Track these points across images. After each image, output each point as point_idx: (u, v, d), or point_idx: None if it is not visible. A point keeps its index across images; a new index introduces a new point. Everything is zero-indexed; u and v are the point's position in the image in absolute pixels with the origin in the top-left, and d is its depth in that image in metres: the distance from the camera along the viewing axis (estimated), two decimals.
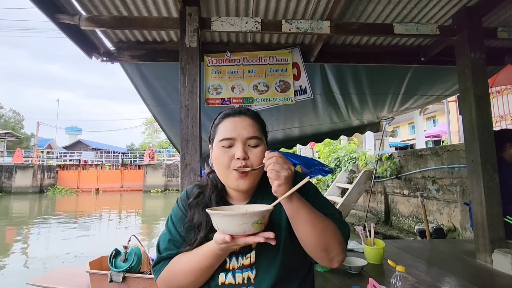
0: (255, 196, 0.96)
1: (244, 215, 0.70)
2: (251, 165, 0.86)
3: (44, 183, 21.05)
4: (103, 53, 2.68)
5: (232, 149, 0.88)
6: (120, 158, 26.41)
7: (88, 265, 3.31)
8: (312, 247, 0.83)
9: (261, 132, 0.94)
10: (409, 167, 5.52)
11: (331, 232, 0.83)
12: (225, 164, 0.87)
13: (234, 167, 0.86)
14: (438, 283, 1.80)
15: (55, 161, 24.90)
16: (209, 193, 0.94)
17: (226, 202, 0.95)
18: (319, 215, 0.83)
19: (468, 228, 4.00)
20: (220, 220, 0.73)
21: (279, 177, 0.76)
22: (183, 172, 1.93)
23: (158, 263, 0.93)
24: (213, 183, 0.96)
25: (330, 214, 0.90)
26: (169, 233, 0.94)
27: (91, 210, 13.50)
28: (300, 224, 0.81)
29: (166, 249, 0.92)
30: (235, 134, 0.88)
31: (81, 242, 7.45)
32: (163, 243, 0.94)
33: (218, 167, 0.91)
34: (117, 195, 20.03)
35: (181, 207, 0.97)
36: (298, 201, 0.81)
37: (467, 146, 2.30)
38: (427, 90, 3.83)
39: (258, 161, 0.87)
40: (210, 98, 2.67)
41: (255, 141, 0.89)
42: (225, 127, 0.91)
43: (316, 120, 4.63)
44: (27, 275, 4.61)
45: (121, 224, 10.54)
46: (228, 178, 0.88)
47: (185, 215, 0.94)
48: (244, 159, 0.86)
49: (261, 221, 0.72)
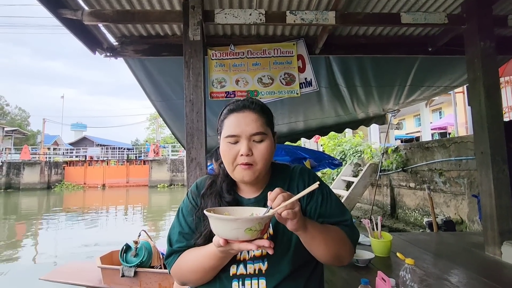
0: (266, 190, 0.95)
1: (235, 220, 0.68)
2: (255, 161, 0.88)
3: (51, 179, 21.34)
4: (106, 48, 2.67)
5: (237, 145, 0.89)
6: (125, 154, 26.60)
7: (99, 260, 3.36)
8: (323, 259, 0.87)
9: (266, 125, 0.93)
10: (416, 159, 5.47)
11: (343, 243, 0.87)
12: (231, 159, 0.89)
13: (239, 163, 0.88)
14: (446, 276, 1.78)
15: (61, 158, 25.19)
16: (221, 181, 0.96)
17: (236, 194, 0.96)
18: (332, 233, 0.85)
19: (476, 221, 3.96)
20: (214, 222, 0.72)
21: (295, 215, 0.72)
22: (189, 167, 1.93)
23: (169, 256, 0.95)
24: (225, 172, 0.97)
25: (342, 221, 0.91)
26: (179, 226, 0.95)
27: (98, 206, 13.69)
28: (313, 246, 0.83)
29: (177, 242, 0.94)
30: (239, 131, 0.89)
31: (91, 237, 7.56)
32: (173, 235, 0.96)
33: (224, 161, 0.92)
34: (124, 190, 20.24)
35: (191, 200, 0.98)
36: (313, 228, 0.80)
37: (476, 137, 2.26)
38: (434, 81, 3.76)
39: (262, 157, 0.88)
40: (215, 92, 2.66)
41: (260, 137, 0.89)
42: (229, 124, 0.91)
43: (321, 113, 4.60)
44: (39, 270, 4.70)
45: (129, 219, 10.69)
46: (234, 172, 0.90)
47: (195, 207, 0.95)
48: (248, 155, 0.87)
49: (255, 228, 0.68)
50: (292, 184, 0.95)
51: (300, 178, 0.96)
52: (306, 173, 0.98)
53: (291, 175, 0.98)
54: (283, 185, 0.94)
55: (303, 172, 0.98)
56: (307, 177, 0.97)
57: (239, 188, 0.98)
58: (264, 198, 0.94)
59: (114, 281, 3.13)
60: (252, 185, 0.94)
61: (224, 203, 0.92)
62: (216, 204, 0.91)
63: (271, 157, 0.91)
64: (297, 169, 0.99)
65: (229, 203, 0.92)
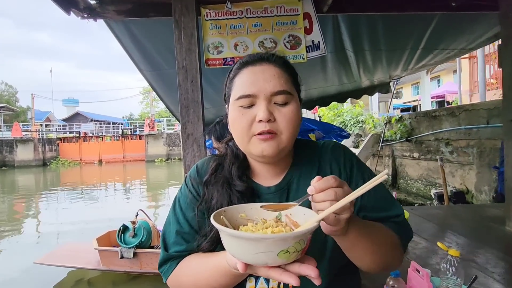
0: (290, 174, 0.74)
1: (264, 240, 0.45)
2: (279, 128, 0.65)
3: (46, 156, 21.10)
4: (83, 8, 2.30)
5: (253, 109, 0.66)
6: (120, 129, 26.14)
7: (96, 241, 3.24)
8: (366, 267, 0.67)
9: (292, 84, 0.69)
10: (421, 129, 5.28)
11: (392, 247, 0.66)
12: (244, 128, 0.66)
13: (255, 132, 0.65)
14: (470, 255, 1.65)
15: (55, 134, 24.73)
16: (229, 164, 0.74)
17: (250, 181, 0.74)
18: (379, 234, 0.64)
19: (484, 191, 3.87)
20: (228, 240, 0.49)
21: (339, 222, 0.51)
22: (185, 143, 1.70)
23: (164, 263, 0.74)
24: (233, 152, 0.75)
25: (391, 217, 0.70)
26: (176, 223, 0.74)
27: (97, 182, 13.61)
28: (355, 253, 0.63)
29: (174, 244, 0.73)
30: (256, 89, 0.65)
31: (90, 214, 7.50)
32: (169, 235, 0.75)
33: (236, 132, 0.69)
34: (121, 165, 20.15)
35: (191, 188, 0.76)
36: (357, 230, 0.58)
37: (505, 104, 2.03)
38: (449, 43, 3.46)
39: (288, 123, 0.65)
40: (211, 59, 2.35)
41: (284, 97, 0.66)
42: (242, 81, 0.67)
43: (324, 82, 4.34)
44: (34, 251, 4.60)
45: (128, 194, 10.65)
46: (249, 145, 0.67)
47: (197, 199, 0.74)
48: (269, 121, 0.64)
49: (294, 249, 0.46)
50: (323, 166, 0.73)
51: (334, 158, 0.74)
52: (341, 151, 0.75)
53: (321, 154, 0.75)
54: (311, 169, 0.73)
55: (336, 150, 0.75)
56: (342, 157, 0.74)
57: (253, 173, 0.76)
58: (288, 185, 0.73)
59: (113, 262, 3.03)
60: (273, 166, 0.73)
61: (235, 193, 0.70)
62: (225, 194, 0.70)
63: (298, 126, 0.68)
64: (328, 146, 0.77)
65: (242, 193, 0.70)
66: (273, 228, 0.53)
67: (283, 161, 0.73)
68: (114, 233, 3.30)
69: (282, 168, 0.74)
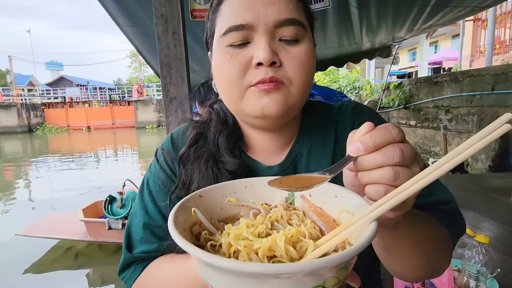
0: (296, 147, 0.54)
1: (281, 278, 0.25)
2: (287, 75, 0.45)
3: (31, 122, 20.44)
4: None
5: (248, 48, 0.45)
6: (108, 94, 25.17)
7: (82, 212, 3.09)
8: (403, 274, 0.48)
9: (304, 13, 0.48)
10: (420, 95, 5.10)
11: (440, 245, 0.47)
12: (235, 77, 0.45)
13: (252, 82, 0.44)
14: (479, 230, 1.54)
15: (39, 99, 23.73)
16: (215, 134, 0.54)
17: (245, 156, 0.55)
18: (429, 232, 0.44)
19: (480, 160, 3.81)
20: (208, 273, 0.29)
21: (403, 207, 0.32)
22: (168, 108, 1.47)
23: (127, 268, 0.56)
24: (220, 117, 0.56)
25: (438, 203, 0.51)
26: (144, 213, 0.55)
27: (86, 149, 13.32)
28: (395, 253, 0.44)
29: (140, 242, 0.54)
30: (252, 16, 0.44)
31: (78, 183, 7.33)
32: (135, 230, 0.56)
33: (223, 85, 0.48)
34: (110, 132, 19.73)
35: (164, 166, 0.57)
36: (408, 223, 0.39)
37: None
38: (462, 0, 3.15)
39: (301, 68, 0.45)
40: (197, 10, 2.02)
41: (294, 30, 0.45)
42: (232, 6, 0.45)
43: (322, 44, 4.04)
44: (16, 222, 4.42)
45: (118, 162, 10.47)
46: (242, 102, 0.47)
47: (172, 179, 0.55)
48: (272, 64, 0.43)
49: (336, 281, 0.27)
50: (342, 136, 0.53)
51: (357, 121, 0.54)
52: (365, 113, 0.56)
53: (339, 119, 0.55)
54: (325, 140, 0.53)
55: (359, 112, 0.56)
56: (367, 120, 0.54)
57: (248, 146, 0.56)
58: (295, 161, 0.53)
59: (100, 234, 2.92)
60: (275, 135, 0.53)
61: (224, 174, 0.51)
62: (210, 176, 0.50)
63: (313, 75, 0.48)
64: (347, 108, 0.57)
65: (234, 174, 0.51)
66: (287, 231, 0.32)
67: (288, 129, 0.53)
68: (101, 203, 3.15)
69: (287, 139, 0.54)
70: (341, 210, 0.36)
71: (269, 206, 0.43)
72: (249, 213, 0.41)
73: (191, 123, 0.60)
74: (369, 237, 0.27)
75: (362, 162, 0.31)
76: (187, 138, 0.56)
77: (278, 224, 0.37)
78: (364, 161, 0.31)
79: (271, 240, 0.30)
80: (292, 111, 0.47)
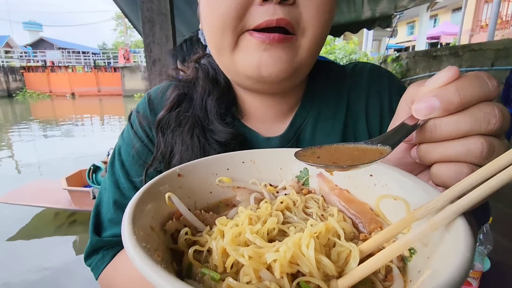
0: (301, 114, 0.45)
1: None
2: (299, 21, 0.33)
3: (11, 87, 19.50)
4: None
5: None
6: (92, 59, 23.93)
7: (65, 181, 2.97)
8: None
9: None
10: (418, 70, 4.98)
11: None
12: (230, 13, 0.33)
13: (251, 25, 0.33)
14: None
15: (17, 62, 22.39)
16: (202, 95, 0.44)
17: (238, 123, 0.45)
18: None
19: None
20: None
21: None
22: (151, 71, 1.31)
23: (94, 253, 0.46)
24: (208, 74, 0.45)
25: None
26: (115, 188, 0.45)
27: (70, 116, 12.86)
28: None
29: (110, 224, 0.44)
30: None
31: (62, 150, 7.10)
32: (105, 208, 0.45)
33: (212, 26, 0.35)
34: (96, 99, 19.09)
35: (140, 132, 0.46)
36: None
37: None
38: None
39: (319, 16, 0.33)
40: None
41: None
42: None
43: None
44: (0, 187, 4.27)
45: (105, 130, 10.20)
46: (235, 51, 0.36)
47: (150, 147, 0.45)
48: (280, 1, 0.32)
49: None
50: (355, 101, 0.44)
51: (376, 89, 0.44)
52: (384, 77, 0.46)
53: (352, 81, 0.46)
54: (336, 105, 0.44)
55: (378, 76, 0.46)
56: (387, 84, 0.45)
57: (242, 112, 0.46)
58: (297, 133, 0.43)
59: (85, 202, 2.83)
60: (277, 99, 0.43)
61: (213, 146, 0.40)
62: (196, 147, 0.40)
63: (331, 22, 0.37)
64: (363, 69, 0.47)
65: (226, 145, 0.40)
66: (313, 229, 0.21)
67: (292, 93, 0.43)
68: (85, 171, 3.04)
69: (290, 105, 0.44)
70: (381, 195, 0.26)
71: (275, 188, 0.32)
72: (249, 198, 0.30)
73: (172, 83, 0.49)
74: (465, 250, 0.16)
75: (436, 129, 0.21)
76: (169, 99, 0.44)
77: (292, 215, 0.27)
78: (442, 126, 0.21)
79: (292, 247, 0.19)
80: (299, 73, 0.36)
